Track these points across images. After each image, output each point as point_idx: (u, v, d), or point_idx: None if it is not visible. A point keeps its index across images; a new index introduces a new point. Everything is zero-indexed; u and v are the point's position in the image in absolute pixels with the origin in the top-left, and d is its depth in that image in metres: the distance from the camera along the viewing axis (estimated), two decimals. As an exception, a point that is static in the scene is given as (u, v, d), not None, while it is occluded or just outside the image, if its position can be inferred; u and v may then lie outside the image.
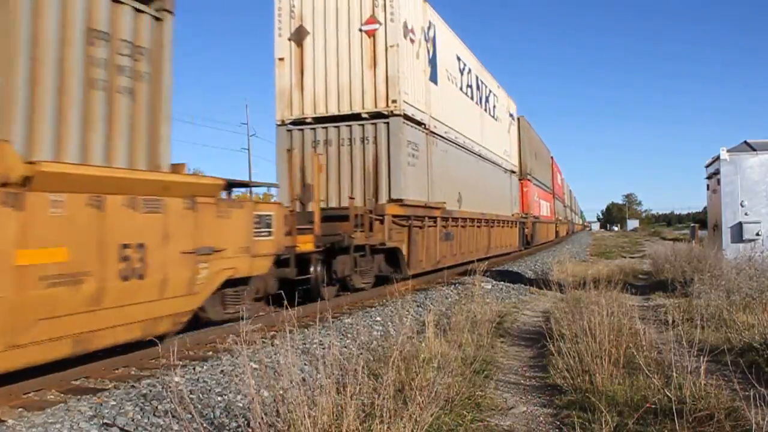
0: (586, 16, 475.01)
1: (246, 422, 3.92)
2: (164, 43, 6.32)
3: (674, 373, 4.43)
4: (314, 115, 11.95)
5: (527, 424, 4.40)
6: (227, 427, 4.08)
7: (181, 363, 4.91)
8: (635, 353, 5.02)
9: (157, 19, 6.24)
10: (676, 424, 3.68)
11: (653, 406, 4.09)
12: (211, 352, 6.36)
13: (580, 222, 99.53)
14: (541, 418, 4.54)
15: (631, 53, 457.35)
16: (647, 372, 4.48)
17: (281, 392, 3.44)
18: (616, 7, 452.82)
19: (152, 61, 6.12)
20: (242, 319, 4.53)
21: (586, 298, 7.28)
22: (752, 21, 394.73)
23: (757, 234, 10.70)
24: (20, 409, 4.43)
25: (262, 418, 3.24)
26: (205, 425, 3.31)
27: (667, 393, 4.12)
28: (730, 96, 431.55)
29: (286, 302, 6.07)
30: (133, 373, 5.63)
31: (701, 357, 4.55)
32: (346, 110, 11.84)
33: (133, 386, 4.92)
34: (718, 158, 11.12)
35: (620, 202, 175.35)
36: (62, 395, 4.85)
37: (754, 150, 11.01)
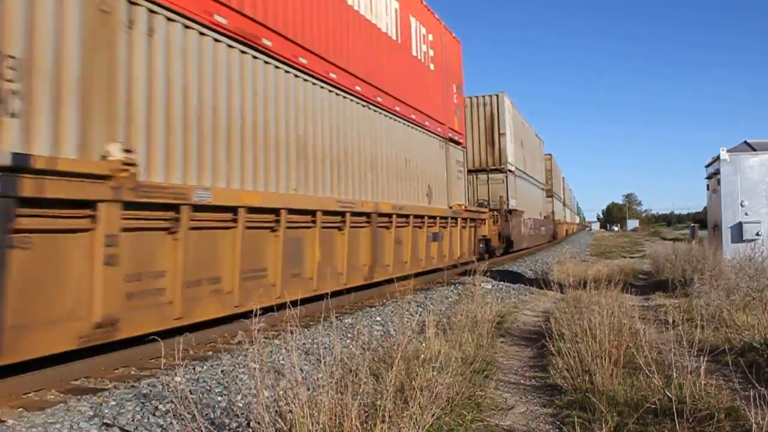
0: (587, 18, 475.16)
1: (246, 422, 3.93)
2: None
3: (674, 373, 4.44)
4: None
5: (527, 424, 4.41)
6: (228, 427, 4.09)
7: (181, 363, 4.91)
8: (635, 353, 5.03)
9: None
10: (676, 424, 3.69)
11: (653, 406, 4.09)
12: (211, 352, 6.36)
13: (578, 221, 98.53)
14: (541, 418, 4.54)
15: (631, 55, 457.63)
16: (647, 372, 4.48)
17: (282, 392, 3.44)
18: (616, 9, 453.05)
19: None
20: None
21: (586, 298, 7.29)
22: (752, 23, 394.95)
23: (757, 234, 10.71)
24: (20, 409, 4.43)
25: (263, 418, 3.25)
26: (205, 425, 3.31)
27: (667, 393, 4.12)
28: (730, 97, 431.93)
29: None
30: (133, 372, 5.63)
31: (701, 357, 4.55)
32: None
33: (133, 386, 4.91)
34: (718, 158, 11.12)
35: (620, 202, 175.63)
36: (62, 395, 4.84)
37: (754, 150, 11.03)
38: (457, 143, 16.65)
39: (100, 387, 5.07)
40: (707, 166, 12.23)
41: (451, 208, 15.25)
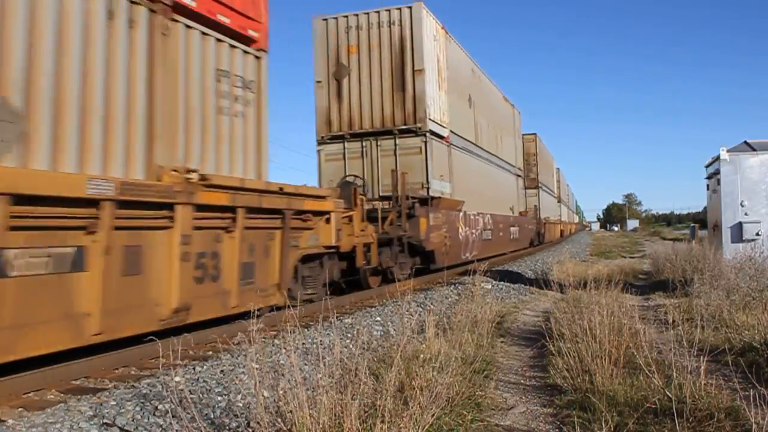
0: (586, 18, 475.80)
1: (246, 422, 3.92)
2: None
3: (674, 373, 4.43)
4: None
5: (527, 424, 4.40)
6: (227, 427, 4.09)
7: (181, 363, 4.91)
8: (635, 353, 5.02)
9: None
10: (676, 424, 3.68)
11: (653, 406, 4.09)
12: (211, 352, 6.36)
13: (577, 221, 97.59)
14: (541, 418, 4.54)
15: (631, 55, 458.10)
16: (647, 372, 4.48)
17: (282, 392, 3.44)
18: (616, 9, 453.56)
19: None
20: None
21: (586, 298, 7.28)
22: (752, 23, 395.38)
23: (757, 234, 10.70)
24: (20, 409, 4.43)
25: (263, 419, 3.24)
26: (205, 425, 3.31)
27: (667, 393, 4.12)
28: (730, 97, 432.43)
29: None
30: (133, 372, 5.63)
31: (701, 357, 4.55)
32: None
33: (133, 386, 4.92)
34: (718, 158, 11.12)
35: (620, 202, 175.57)
36: (62, 395, 4.85)
37: (754, 150, 11.02)
38: (240, 38, 7.88)
39: (100, 387, 5.07)
40: (707, 166, 12.22)
41: (159, 181, 6.29)
